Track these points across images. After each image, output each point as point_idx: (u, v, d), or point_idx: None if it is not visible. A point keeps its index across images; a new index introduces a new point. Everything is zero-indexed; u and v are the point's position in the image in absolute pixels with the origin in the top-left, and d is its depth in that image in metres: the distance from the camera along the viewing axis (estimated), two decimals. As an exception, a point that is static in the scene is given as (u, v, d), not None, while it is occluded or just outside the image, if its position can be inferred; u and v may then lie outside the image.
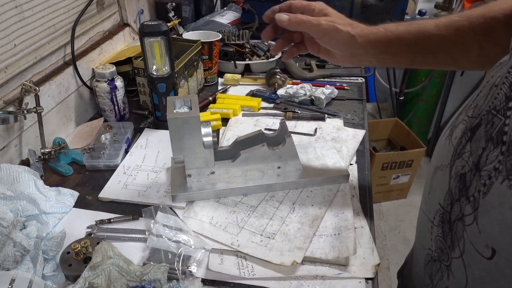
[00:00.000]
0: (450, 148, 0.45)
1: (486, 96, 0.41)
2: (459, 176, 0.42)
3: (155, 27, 0.83)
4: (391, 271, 1.84)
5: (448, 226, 0.44)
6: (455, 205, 0.43)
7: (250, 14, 1.37)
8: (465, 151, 0.42)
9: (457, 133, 0.44)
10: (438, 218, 0.46)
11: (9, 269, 0.56)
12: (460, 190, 0.42)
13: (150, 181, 0.78)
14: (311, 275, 0.58)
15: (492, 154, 0.38)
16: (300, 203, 0.71)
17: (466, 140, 0.42)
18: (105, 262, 0.55)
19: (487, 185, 0.38)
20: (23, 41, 0.80)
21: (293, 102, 1.05)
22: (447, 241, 0.45)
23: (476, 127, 0.41)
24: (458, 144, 0.44)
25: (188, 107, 0.70)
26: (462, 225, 0.41)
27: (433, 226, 0.47)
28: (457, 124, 0.46)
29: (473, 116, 0.42)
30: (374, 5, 1.25)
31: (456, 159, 0.43)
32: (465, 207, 0.41)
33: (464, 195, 0.41)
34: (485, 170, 0.38)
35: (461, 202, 0.42)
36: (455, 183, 0.43)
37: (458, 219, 0.42)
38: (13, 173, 0.68)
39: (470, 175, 0.40)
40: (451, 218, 0.43)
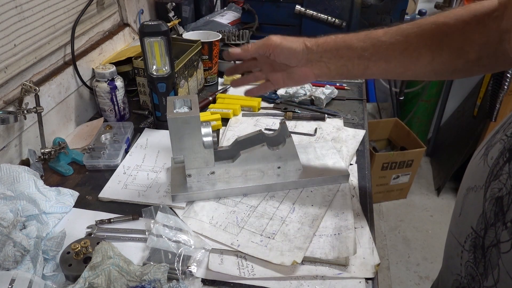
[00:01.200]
0: (485, 169, 0.42)
1: None
2: (495, 199, 0.40)
3: (155, 27, 0.83)
4: (391, 271, 1.84)
5: (481, 252, 0.41)
6: (490, 230, 0.40)
7: (250, 14, 1.37)
8: (503, 172, 0.39)
9: (494, 153, 0.42)
10: (470, 242, 0.43)
11: (9, 269, 0.56)
12: (496, 214, 0.39)
13: (150, 181, 0.78)
14: (311, 275, 0.58)
15: None
16: (300, 203, 0.71)
17: (505, 161, 0.39)
18: (105, 262, 0.55)
19: None
20: (23, 41, 0.80)
21: (293, 102, 1.05)
22: (479, 268, 0.42)
23: None
24: (495, 164, 0.41)
25: (188, 107, 0.70)
26: (497, 252, 0.39)
27: (464, 250, 0.45)
28: (493, 143, 0.43)
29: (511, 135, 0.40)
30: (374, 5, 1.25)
31: (492, 180, 0.41)
32: (501, 233, 0.38)
33: (500, 220, 0.38)
34: None
35: (497, 228, 0.39)
36: (491, 206, 0.40)
37: (493, 246, 0.39)
38: (13, 173, 0.68)
39: (508, 198, 0.38)
40: (484, 243, 0.41)
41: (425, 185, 2.32)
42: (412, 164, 2.11)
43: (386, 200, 2.24)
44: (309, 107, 1.03)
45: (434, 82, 2.31)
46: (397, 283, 1.78)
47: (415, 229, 2.06)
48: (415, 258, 1.89)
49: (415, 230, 2.05)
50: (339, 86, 1.13)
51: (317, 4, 1.28)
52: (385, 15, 1.27)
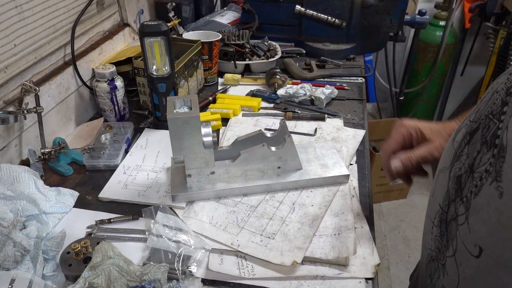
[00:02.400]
0: (451, 151, 0.47)
1: (487, 102, 0.43)
2: (456, 177, 0.44)
3: (155, 27, 0.83)
4: (391, 271, 1.84)
5: (445, 226, 0.46)
6: (451, 205, 0.44)
7: (250, 14, 1.37)
8: (463, 153, 0.43)
9: (459, 137, 0.46)
10: (438, 218, 0.48)
11: (9, 269, 0.56)
12: (456, 191, 0.43)
13: (150, 181, 0.78)
14: (311, 275, 0.58)
15: (485, 156, 0.39)
16: (300, 203, 0.71)
17: (465, 143, 0.44)
18: (105, 262, 0.55)
19: (478, 186, 0.39)
20: (23, 41, 0.80)
21: (293, 102, 1.05)
22: (443, 241, 0.46)
23: (475, 131, 0.43)
24: (458, 147, 0.45)
25: (188, 107, 0.70)
26: (455, 224, 0.43)
27: (434, 226, 0.49)
28: (460, 128, 0.47)
29: (474, 120, 0.44)
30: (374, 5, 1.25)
31: (455, 161, 0.45)
32: (459, 207, 0.43)
33: (459, 196, 0.43)
34: (477, 172, 0.40)
35: (456, 203, 0.43)
36: (452, 184, 0.44)
37: (453, 219, 0.44)
38: (13, 173, 0.68)
39: (465, 176, 0.42)
40: (447, 218, 0.45)
41: (425, 185, 2.32)
42: (412, 164, 2.10)
43: (386, 200, 2.24)
44: (309, 107, 1.03)
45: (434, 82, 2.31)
46: (397, 283, 1.78)
47: (415, 229, 2.06)
48: (415, 258, 1.89)
49: (415, 230, 2.05)
50: (339, 86, 1.13)
51: (317, 4, 1.28)
52: (385, 15, 1.27)
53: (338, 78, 1.20)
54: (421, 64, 2.31)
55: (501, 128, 0.38)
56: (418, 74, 2.35)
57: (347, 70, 1.25)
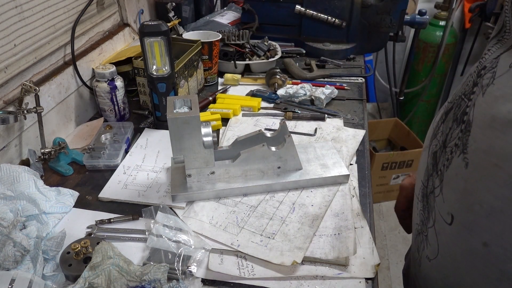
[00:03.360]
0: (431, 131, 0.51)
1: (463, 84, 0.46)
2: (433, 153, 0.48)
3: (155, 27, 0.83)
4: (391, 271, 1.84)
5: (426, 200, 0.49)
6: (430, 179, 0.48)
7: (250, 14, 1.37)
8: (439, 132, 0.47)
9: (437, 117, 0.50)
10: (420, 193, 0.51)
11: (9, 269, 0.56)
12: (433, 166, 0.47)
13: (150, 181, 0.78)
14: (311, 275, 0.58)
15: (454, 132, 0.43)
16: (300, 203, 0.71)
17: (441, 122, 0.47)
18: (105, 262, 0.55)
19: (449, 159, 0.43)
20: (23, 41, 0.80)
21: (293, 102, 1.05)
22: (425, 213, 0.49)
23: (449, 111, 0.46)
24: (436, 126, 0.49)
25: (188, 107, 0.70)
26: (433, 197, 0.47)
27: (418, 201, 0.52)
28: (440, 110, 0.51)
29: (450, 101, 0.48)
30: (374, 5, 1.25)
31: (433, 139, 0.49)
32: (435, 180, 0.46)
33: (435, 170, 0.46)
34: (449, 146, 0.44)
35: (433, 177, 0.47)
36: (430, 160, 0.48)
37: (431, 192, 0.47)
38: (13, 173, 0.68)
39: (440, 152, 0.46)
40: (427, 191, 0.48)
41: (425, 185, 2.32)
42: (412, 164, 2.10)
43: (386, 200, 2.24)
44: (309, 107, 1.03)
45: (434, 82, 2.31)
46: (397, 283, 1.78)
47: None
48: (415, 258, 1.89)
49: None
50: (339, 86, 1.13)
51: (317, 4, 1.28)
52: (385, 15, 1.27)
53: (338, 78, 1.20)
54: (421, 64, 2.31)
55: (469, 106, 0.41)
56: (418, 74, 2.35)
57: (347, 70, 1.25)
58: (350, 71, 1.25)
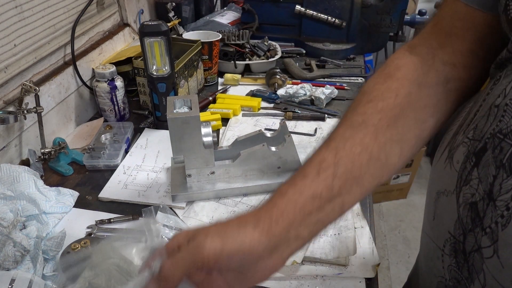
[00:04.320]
0: (453, 173, 0.42)
1: (487, 117, 0.39)
2: (469, 204, 0.40)
3: (155, 27, 0.83)
4: (391, 271, 1.84)
5: (463, 257, 0.41)
6: (469, 235, 0.40)
7: (250, 14, 1.37)
8: (472, 177, 0.39)
9: (459, 157, 0.42)
10: (449, 247, 0.43)
11: (9, 269, 0.56)
12: (473, 220, 0.39)
13: (150, 181, 0.78)
14: (311, 275, 0.58)
15: (506, 182, 0.36)
16: (300, 203, 0.71)
17: (472, 166, 0.39)
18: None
19: (505, 216, 0.36)
20: (23, 41, 0.80)
21: (293, 102, 1.05)
22: (464, 272, 0.42)
23: (482, 152, 0.39)
24: (462, 169, 0.41)
25: (188, 107, 0.70)
26: (480, 257, 0.39)
27: (444, 254, 0.45)
28: (455, 145, 0.43)
29: (475, 139, 0.40)
30: (374, 5, 1.25)
31: (463, 185, 0.40)
32: (481, 238, 0.38)
33: (478, 226, 0.39)
34: (500, 200, 0.36)
35: (476, 233, 0.39)
36: (466, 212, 0.40)
37: (475, 251, 0.40)
38: (13, 173, 0.68)
39: (483, 204, 0.38)
40: (465, 249, 0.41)
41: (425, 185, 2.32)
42: (412, 164, 2.11)
43: (386, 200, 2.24)
44: (309, 107, 1.03)
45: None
46: (397, 283, 1.78)
47: (415, 229, 2.06)
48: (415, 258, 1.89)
49: (415, 230, 2.05)
50: (339, 86, 1.13)
51: (317, 4, 1.28)
52: (385, 15, 1.27)
53: (338, 78, 1.20)
54: (421, 64, 2.31)
55: None
56: (418, 74, 2.35)
57: (347, 70, 1.25)
58: (350, 71, 1.25)
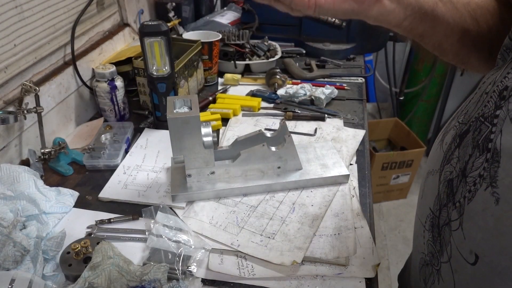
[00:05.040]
0: (440, 154, 0.45)
1: (477, 103, 0.42)
2: (447, 181, 0.43)
3: (155, 27, 0.83)
4: (391, 271, 1.84)
5: (437, 231, 0.45)
6: (443, 210, 0.43)
7: (250, 14, 1.37)
8: (454, 157, 0.42)
9: (448, 139, 0.45)
10: (429, 222, 0.47)
11: (9, 269, 0.56)
12: (448, 196, 0.42)
13: (150, 181, 0.78)
14: (311, 275, 0.58)
15: (477, 161, 0.38)
16: (300, 203, 0.71)
17: (455, 146, 0.43)
18: (105, 262, 0.55)
19: (472, 191, 0.38)
20: (23, 41, 0.80)
21: (293, 102, 1.05)
22: (436, 246, 0.45)
23: (465, 134, 0.41)
24: (447, 149, 0.44)
25: (188, 107, 0.70)
26: (449, 230, 0.42)
27: (425, 230, 0.48)
28: (448, 129, 0.46)
29: (463, 122, 0.43)
30: (374, 5, 1.25)
31: (445, 164, 0.44)
32: (451, 212, 0.41)
33: (451, 201, 0.42)
34: (470, 176, 0.39)
35: (448, 208, 0.42)
36: (444, 188, 0.43)
37: (446, 224, 0.43)
38: (13, 173, 0.68)
39: (457, 181, 0.41)
40: (439, 223, 0.44)
41: (425, 185, 2.32)
42: (412, 164, 2.11)
43: (386, 200, 2.24)
44: (309, 107, 1.03)
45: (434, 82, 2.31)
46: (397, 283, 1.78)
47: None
48: (415, 258, 1.89)
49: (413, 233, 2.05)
50: (339, 86, 1.13)
51: (317, 4, 1.28)
52: (385, 15, 1.27)
53: (338, 78, 1.20)
54: (421, 64, 2.31)
55: (494, 132, 0.37)
56: (418, 74, 2.35)
57: (347, 70, 1.25)
58: (350, 71, 1.25)
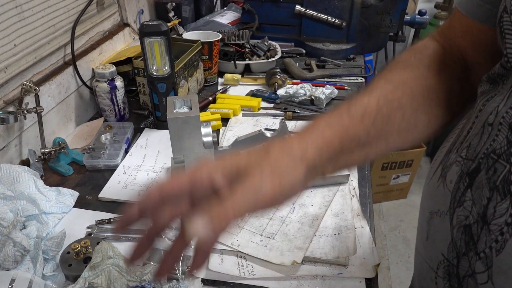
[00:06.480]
0: (446, 193, 0.41)
1: (481, 136, 0.37)
2: (463, 227, 0.38)
3: (155, 27, 0.83)
4: (391, 271, 1.84)
5: (457, 281, 0.40)
6: (462, 259, 0.39)
7: (250, 14, 1.37)
8: (466, 199, 0.38)
9: (452, 176, 0.40)
10: (443, 270, 0.42)
11: (9, 269, 0.56)
12: (467, 244, 0.38)
13: (150, 181, 0.78)
14: (311, 275, 0.58)
15: (500, 206, 0.34)
16: (300, 203, 0.71)
17: (465, 187, 0.38)
18: (105, 262, 0.55)
19: (499, 241, 0.34)
20: (23, 41, 0.80)
21: (293, 102, 1.05)
22: None
23: (475, 172, 0.37)
24: (455, 190, 0.40)
25: (188, 107, 0.70)
26: (474, 283, 0.37)
27: (438, 277, 0.43)
28: (449, 164, 0.42)
29: (468, 158, 0.39)
30: (374, 5, 1.25)
31: (456, 207, 0.39)
32: (475, 263, 0.37)
33: (472, 250, 0.37)
34: (495, 224, 0.35)
35: (470, 257, 0.37)
36: (459, 235, 0.39)
37: (469, 276, 0.38)
38: (13, 173, 0.68)
39: (477, 227, 0.36)
40: (459, 273, 0.39)
41: (425, 185, 2.32)
42: (412, 164, 2.11)
43: (386, 200, 2.24)
44: (309, 107, 1.03)
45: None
46: (397, 283, 1.78)
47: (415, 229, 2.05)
48: (415, 258, 1.89)
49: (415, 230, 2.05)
50: (339, 86, 1.13)
51: (317, 4, 1.28)
52: (385, 15, 1.27)
53: (338, 78, 1.20)
54: (421, 64, 2.31)
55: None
56: (418, 74, 2.35)
57: (347, 70, 1.25)
58: (350, 71, 1.25)
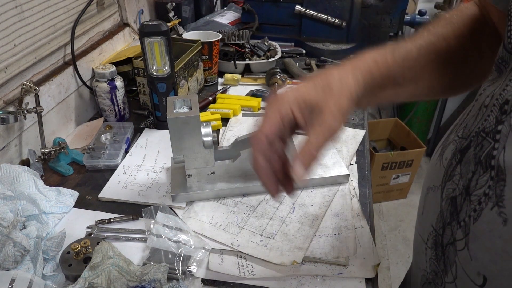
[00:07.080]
0: (441, 169, 0.44)
1: (476, 117, 0.40)
2: (450, 199, 0.41)
3: (155, 27, 0.83)
4: (391, 271, 1.84)
5: (441, 250, 0.43)
6: (447, 228, 0.42)
7: (250, 14, 1.37)
8: (455, 173, 0.41)
9: (448, 154, 0.43)
10: (431, 240, 0.45)
11: (9, 269, 0.56)
12: (452, 214, 0.41)
13: (150, 181, 0.78)
14: (311, 275, 0.58)
15: (481, 178, 0.37)
16: (300, 203, 0.71)
17: (456, 162, 0.41)
18: (105, 262, 0.55)
19: (477, 210, 0.37)
20: (23, 41, 0.80)
21: (293, 102, 1.05)
22: (440, 265, 0.44)
23: (466, 149, 0.40)
24: (448, 165, 0.43)
25: (188, 107, 0.70)
26: (454, 250, 0.40)
27: (427, 247, 0.46)
28: (447, 144, 0.45)
29: (463, 137, 0.41)
30: (374, 5, 1.25)
31: (447, 181, 0.42)
32: (456, 231, 0.40)
33: (455, 219, 0.40)
34: (475, 195, 0.37)
35: (453, 226, 0.40)
36: (447, 206, 0.42)
37: (450, 243, 0.41)
38: (13, 173, 0.68)
39: (461, 199, 0.39)
40: (443, 241, 0.42)
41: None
42: (412, 164, 2.11)
43: (386, 200, 2.24)
44: (309, 107, 1.03)
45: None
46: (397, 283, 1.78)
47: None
48: (415, 258, 1.89)
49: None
50: (339, 86, 1.13)
51: (317, 4, 1.28)
52: (385, 15, 1.27)
53: (338, 78, 1.20)
54: (421, 64, 2.31)
55: (497, 148, 0.35)
56: (418, 74, 2.35)
57: (347, 70, 1.25)
58: (350, 71, 1.25)
